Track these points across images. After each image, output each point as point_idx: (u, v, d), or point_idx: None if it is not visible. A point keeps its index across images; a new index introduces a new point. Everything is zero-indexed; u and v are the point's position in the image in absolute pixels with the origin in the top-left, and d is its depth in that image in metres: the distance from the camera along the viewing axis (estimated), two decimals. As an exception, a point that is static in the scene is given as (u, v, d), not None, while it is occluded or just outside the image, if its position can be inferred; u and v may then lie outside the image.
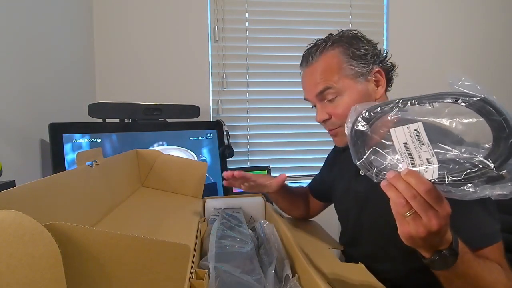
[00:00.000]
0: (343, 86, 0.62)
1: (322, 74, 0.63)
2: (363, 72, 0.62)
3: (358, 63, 0.62)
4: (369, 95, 0.63)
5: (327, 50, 0.64)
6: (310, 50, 0.66)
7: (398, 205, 0.38)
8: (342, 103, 0.62)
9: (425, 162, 0.37)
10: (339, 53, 0.63)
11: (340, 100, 0.63)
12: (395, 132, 0.39)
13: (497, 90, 1.68)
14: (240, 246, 0.59)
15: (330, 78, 0.62)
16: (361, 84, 0.62)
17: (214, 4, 1.49)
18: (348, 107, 0.59)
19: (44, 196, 0.43)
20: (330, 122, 0.66)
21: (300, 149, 1.59)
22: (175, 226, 0.63)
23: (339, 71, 0.62)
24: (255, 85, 1.55)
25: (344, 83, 0.62)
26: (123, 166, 0.79)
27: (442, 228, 0.38)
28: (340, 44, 0.63)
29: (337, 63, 0.62)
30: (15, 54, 0.86)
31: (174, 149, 1.19)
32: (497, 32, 1.65)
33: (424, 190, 0.36)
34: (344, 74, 0.62)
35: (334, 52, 0.63)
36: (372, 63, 0.63)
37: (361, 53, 0.62)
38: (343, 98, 0.62)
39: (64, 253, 0.25)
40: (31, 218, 0.24)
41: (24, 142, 0.91)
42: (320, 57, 0.64)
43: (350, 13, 1.57)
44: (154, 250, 0.32)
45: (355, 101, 0.61)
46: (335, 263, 0.61)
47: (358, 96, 0.62)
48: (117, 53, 1.42)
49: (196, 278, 0.44)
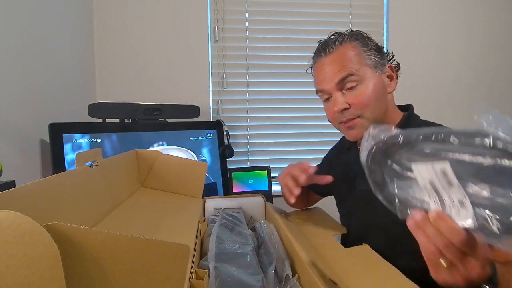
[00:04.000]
0: (364, 74, 0.63)
1: (344, 62, 0.64)
2: (381, 63, 0.65)
3: (376, 54, 0.65)
4: (385, 88, 0.66)
5: (345, 41, 0.66)
6: (327, 41, 0.68)
7: (429, 252, 0.34)
8: (363, 91, 0.63)
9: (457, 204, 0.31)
10: (357, 44, 0.65)
11: (361, 87, 0.63)
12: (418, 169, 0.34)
13: (497, 90, 1.68)
14: (240, 246, 0.59)
15: (351, 66, 0.63)
16: (378, 75, 0.65)
17: (214, 4, 1.48)
18: (370, 95, 0.63)
19: (44, 197, 0.43)
20: (349, 112, 0.65)
21: (300, 149, 1.58)
22: (175, 226, 0.63)
23: (359, 60, 0.64)
24: (255, 85, 1.55)
25: (365, 72, 0.63)
26: (123, 166, 0.79)
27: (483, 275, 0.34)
28: (357, 37, 0.66)
29: (356, 53, 0.64)
30: (15, 54, 0.86)
31: (174, 149, 1.19)
32: (498, 32, 1.65)
33: (458, 240, 0.31)
34: (365, 63, 0.64)
35: (353, 43, 0.65)
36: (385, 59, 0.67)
37: (377, 47, 0.66)
38: (364, 86, 0.63)
39: (63, 253, 0.25)
40: (30, 218, 0.24)
41: (24, 142, 0.91)
42: (340, 47, 0.65)
43: (350, 13, 1.57)
44: (154, 250, 0.32)
45: (375, 90, 0.63)
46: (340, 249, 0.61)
47: (377, 86, 0.64)
48: (117, 53, 1.42)
49: (196, 278, 0.44)
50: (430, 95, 1.62)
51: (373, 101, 0.63)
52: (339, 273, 0.51)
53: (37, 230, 0.24)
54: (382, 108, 0.65)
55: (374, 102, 0.63)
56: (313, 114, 1.58)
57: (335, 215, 0.83)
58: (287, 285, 0.49)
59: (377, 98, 0.63)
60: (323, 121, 1.58)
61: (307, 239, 0.66)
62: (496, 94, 1.66)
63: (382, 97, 0.65)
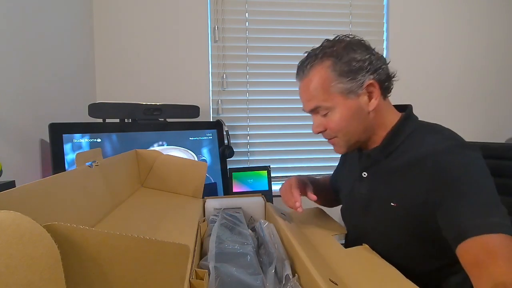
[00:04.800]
0: (333, 104, 0.62)
1: (312, 91, 0.63)
2: (352, 88, 0.61)
3: (347, 80, 0.60)
4: (361, 109, 0.62)
5: (316, 65, 0.63)
6: (302, 64, 0.66)
7: None
8: (333, 119, 0.63)
9: None
10: (327, 68, 0.61)
11: (332, 115, 0.63)
12: None
13: (497, 90, 1.68)
14: (240, 246, 0.59)
15: (319, 97, 0.63)
16: (351, 100, 0.62)
17: (214, 4, 1.48)
18: (340, 123, 0.63)
19: (44, 197, 0.43)
20: (326, 133, 0.67)
21: (300, 149, 1.58)
22: (175, 226, 0.63)
23: (328, 89, 0.61)
24: (255, 85, 1.55)
25: (334, 100, 0.62)
26: (123, 166, 0.79)
27: None
28: (329, 58, 0.62)
29: (325, 80, 0.61)
30: (15, 54, 0.86)
31: (174, 149, 1.19)
32: (499, 32, 1.65)
33: None
34: (333, 91, 0.61)
35: (322, 67, 0.62)
36: (363, 76, 0.61)
37: (349, 69, 0.60)
38: (334, 114, 0.63)
39: (63, 253, 0.25)
40: (30, 218, 0.24)
41: (24, 142, 0.91)
42: (310, 72, 0.63)
43: (350, 13, 1.57)
44: (154, 250, 0.32)
45: (347, 117, 0.62)
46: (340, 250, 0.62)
47: (349, 112, 0.62)
48: (117, 53, 1.42)
49: (196, 278, 0.44)
50: (430, 95, 1.62)
51: (345, 127, 0.63)
52: (339, 273, 0.51)
53: (37, 230, 0.24)
54: (358, 130, 0.64)
55: (347, 127, 0.63)
56: (313, 114, 1.57)
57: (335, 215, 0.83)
58: (287, 285, 0.49)
59: (350, 123, 0.63)
60: (323, 121, 1.58)
61: (307, 239, 0.66)
62: (496, 94, 1.66)
63: (356, 120, 0.63)
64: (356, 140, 0.66)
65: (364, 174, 0.69)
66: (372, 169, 0.67)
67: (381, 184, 0.65)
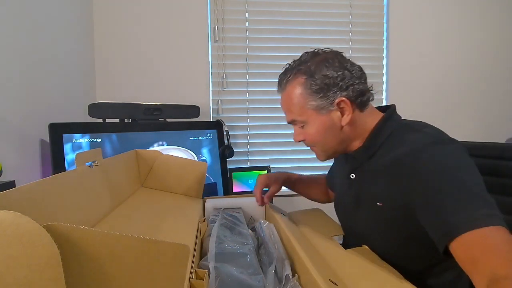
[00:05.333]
0: (307, 118, 0.65)
1: (287, 106, 0.68)
2: (323, 105, 0.63)
3: (317, 97, 0.63)
4: (334, 124, 0.64)
5: (291, 81, 0.66)
6: (280, 78, 0.69)
7: None
8: (309, 132, 0.66)
9: None
10: (299, 84, 0.64)
11: (307, 128, 0.66)
12: None
13: (498, 90, 1.68)
14: (240, 246, 0.59)
15: (294, 111, 0.66)
16: (324, 115, 0.64)
17: (214, 4, 1.48)
18: (314, 136, 0.66)
19: (44, 197, 0.43)
20: (305, 143, 0.71)
21: (300, 149, 1.58)
22: (175, 226, 0.63)
23: (301, 105, 0.64)
24: (255, 85, 1.55)
25: (307, 115, 0.65)
26: (123, 166, 0.79)
27: None
28: (301, 75, 0.64)
29: (298, 96, 0.64)
30: (15, 54, 0.86)
31: (174, 149, 1.19)
32: (499, 31, 1.65)
33: None
34: (306, 107, 0.64)
35: (295, 84, 0.65)
36: (336, 93, 0.62)
37: (318, 87, 0.62)
38: (309, 128, 0.66)
39: (63, 253, 0.25)
40: (30, 219, 0.24)
41: (24, 142, 0.91)
42: (286, 87, 0.67)
43: (350, 13, 1.57)
44: (154, 251, 0.32)
45: (321, 131, 0.65)
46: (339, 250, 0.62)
47: (323, 126, 0.64)
48: (117, 53, 1.42)
49: (196, 278, 0.44)
50: (430, 95, 1.62)
51: (320, 140, 0.66)
52: (339, 274, 0.51)
53: (37, 230, 0.24)
54: (334, 142, 0.66)
55: (322, 140, 0.66)
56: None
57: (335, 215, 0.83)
58: (287, 285, 0.49)
59: (325, 137, 0.65)
60: (323, 121, 1.58)
61: (307, 239, 0.66)
62: (496, 94, 1.66)
63: (330, 134, 0.65)
64: (334, 151, 0.69)
65: (352, 175, 0.70)
66: (359, 170, 0.68)
67: (368, 185, 0.66)
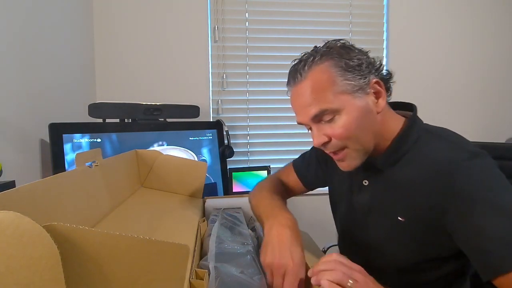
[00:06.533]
0: (341, 104, 0.54)
1: (314, 93, 0.54)
2: (361, 85, 0.54)
3: (354, 76, 0.54)
4: (370, 110, 0.56)
5: (316, 64, 0.55)
6: (296, 66, 0.57)
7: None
8: (342, 123, 0.54)
9: None
10: (330, 66, 0.54)
11: (340, 119, 0.54)
12: None
13: (498, 90, 1.68)
14: (240, 246, 0.59)
15: (324, 99, 0.54)
16: (360, 99, 0.55)
17: (214, 4, 1.48)
18: (350, 127, 0.54)
19: (43, 197, 0.43)
20: (331, 144, 0.57)
21: (300, 149, 1.57)
22: (175, 226, 0.63)
23: (332, 88, 0.54)
24: (255, 85, 1.55)
25: (341, 101, 0.54)
26: (123, 166, 0.79)
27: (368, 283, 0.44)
28: (330, 56, 0.55)
29: (329, 78, 0.54)
30: (15, 54, 0.86)
31: (174, 149, 1.19)
32: (499, 31, 1.64)
33: None
34: (339, 90, 0.54)
35: (324, 65, 0.54)
36: (369, 73, 0.55)
37: (355, 64, 0.54)
38: (342, 117, 0.54)
39: (63, 254, 0.25)
40: (30, 219, 0.24)
41: (24, 142, 0.91)
42: (309, 73, 0.55)
43: (350, 13, 1.57)
44: (153, 251, 0.32)
45: (356, 119, 0.54)
46: None
47: (359, 113, 0.54)
48: (117, 53, 1.42)
49: (196, 278, 0.44)
50: (430, 95, 1.62)
51: (355, 131, 0.55)
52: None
53: (37, 230, 0.24)
54: (369, 134, 0.56)
55: (357, 132, 0.55)
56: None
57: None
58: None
59: (361, 127, 0.55)
60: (323, 121, 1.58)
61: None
62: (496, 94, 1.66)
63: (367, 123, 0.56)
64: (367, 149, 0.58)
65: (365, 182, 0.63)
66: (375, 177, 0.61)
67: (385, 195, 0.60)
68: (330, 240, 1.32)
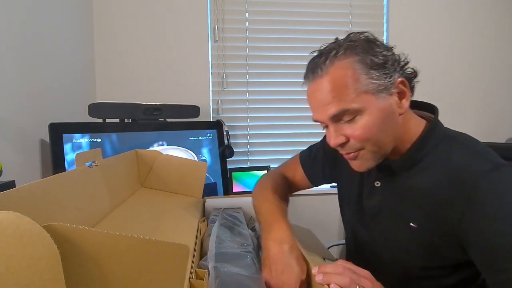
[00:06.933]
0: (363, 104, 0.50)
1: (335, 91, 0.50)
2: (386, 84, 0.51)
3: (379, 74, 0.50)
4: (393, 112, 0.52)
5: (339, 59, 0.51)
6: (316, 60, 0.53)
7: None
8: (362, 123, 0.51)
9: None
10: (354, 62, 0.50)
11: (361, 120, 0.51)
12: None
13: (498, 90, 1.68)
14: (240, 246, 0.59)
15: (345, 97, 0.50)
16: (383, 99, 0.51)
17: (214, 4, 1.48)
18: (371, 128, 0.51)
19: (43, 197, 0.43)
20: (348, 145, 0.54)
21: (300, 149, 1.58)
22: (175, 226, 0.63)
23: (355, 86, 0.50)
24: (255, 85, 1.55)
25: (363, 100, 0.50)
26: (123, 166, 0.79)
27: None
28: (354, 51, 0.51)
29: (352, 75, 0.50)
30: (15, 54, 0.86)
31: (174, 149, 1.19)
32: (499, 31, 1.64)
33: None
34: (363, 89, 0.50)
35: (347, 61, 0.51)
36: (394, 72, 0.52)
37: (380, 61, 0.51)
38: (364, 118, 0.51)
39: (63, 254, 0.25)
40: (30, 219, 0.24)
41: (24, 142, 0.91)
42: (331, 69, 0.51)
43: (350, 13, 1.57)
44: (153, 251, 0.32)
45: (378, 120, 0.51)
46: None
47: (381, 114, 0.51)
48: (117, 53, 1.42)
49: (196, 278, 0.44)
50: (430, 95, 1.61)
51: (375, 134, 0.52)
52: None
53: (37, 230, 0.24)
54: (389, 137, 0.54)
55: (378, 135, 0.52)
56: (313, 114, 1.58)
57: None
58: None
59: (381, 129, 0.52)
60: (323, 121, 1.58)
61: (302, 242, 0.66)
62: (496, 94, 1.66)
63: (388, 125, 0.52)
64: (385, 152, 0.55)
65: (377, 183, 0.61)
66: (388, 180, 0.59)
67: (397, 199, 0.58)
68: (331, 240, 1.32)
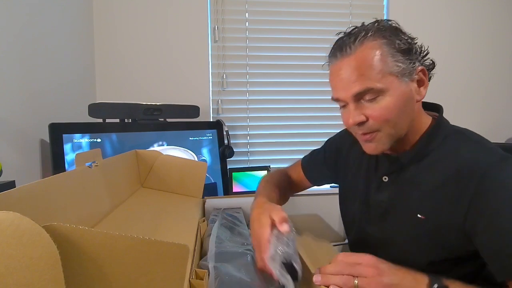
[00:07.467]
0: (387, 85, 0.52)
1: (361, 69, 0.52)
2: (409, 69, 0.53)
3: (404, 59, 0.53)
4: (412, 97, 0.55)
5: (368, 39, 0.52)
6: (346, 39, 0.55)
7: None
8: (384, 104, 0.53)
9: None
10: (382, 44, 0.52)
11: (383, 100, 0.53)
12: None
13: (498, 90, 1.67)
14: (240, 246, 0.59)
15: (371, 76, 0.52)
16: (405, 84, 0.53)
17: (214, 4, 1.48)
18: (392, 109, 0.53)
19: (43, 197, 0.43)
20: (366, 125, 0.55)
21: (300, 149, 1.58)
22: (175, 226, 0.63)
23: (382, 67, 0.52)
24: (255, 85, 1.55)
25: (388, 81, 0.52)
26: (123, 167, 0.79)
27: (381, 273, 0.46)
28: (383, 34, 0.53)
29: (380, 56, 0.52)
30: (15, 54, 0.86)
31: (174, 149, 1.19)
32: (500, 30, 1.64)
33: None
34: (388, 70, 0.52)
35: (377, 42, 0.52)
36: (416, 60, 0.55)
37: (406, 47, 0.53)
38: (385, 99, 0.53)
39: (63, 254, 0.25)
40: (29, 219, 0.24)
41: (24, 142, 0.91)
42: (360, 48, 0.52)
43: (350, 13, 1.57)
44: (153, 251, 0.32)
45: (399, 103, 0.53)
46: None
47: (402, 98, 0.53)
48: (117, 53, 1.42)
49: (196, 278, 0.44)
50: (430, 95, 1.61)
51: (395, 115, 0.53)
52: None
53: (37, 230, 0.24)
54: (406, 122, 0.56)
55: (396, 117, 0.54)
56: (313, 114, 1.57)
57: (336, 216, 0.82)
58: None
59: (401, 112, 0.54)
60: (323, 120, 1.58)
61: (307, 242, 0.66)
62: (496, 94, 1.66)
63: (407, 109, 0.55)
64: (399, 136, 0.56)
65: (384, 178, 0.62)
66: (396, 174, 0.61)
67: (406, 192, 0.59)
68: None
